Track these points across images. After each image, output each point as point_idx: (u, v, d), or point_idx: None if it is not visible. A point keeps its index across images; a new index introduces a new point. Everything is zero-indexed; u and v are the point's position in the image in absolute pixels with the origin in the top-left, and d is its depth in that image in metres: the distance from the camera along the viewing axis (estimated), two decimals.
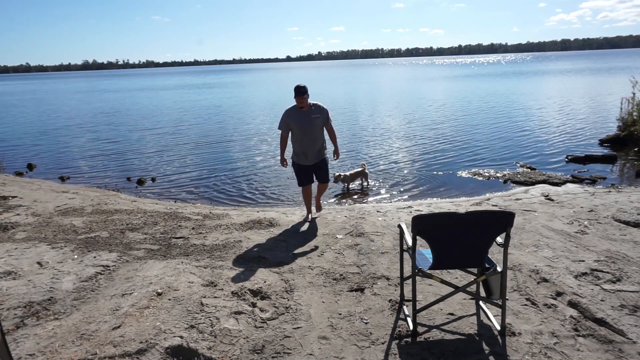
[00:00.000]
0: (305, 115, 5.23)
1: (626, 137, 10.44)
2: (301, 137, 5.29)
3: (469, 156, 10.35)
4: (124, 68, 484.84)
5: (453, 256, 2.92)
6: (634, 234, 4.72)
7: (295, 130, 5.30)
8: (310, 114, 5.25)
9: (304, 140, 5.29)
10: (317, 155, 5.40)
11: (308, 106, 5.26)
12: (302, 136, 5.28)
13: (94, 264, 4.25)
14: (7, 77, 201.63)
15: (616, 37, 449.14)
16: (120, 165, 10.81)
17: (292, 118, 5.26)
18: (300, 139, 5.30)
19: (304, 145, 5.32)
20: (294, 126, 5.27)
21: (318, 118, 5.28)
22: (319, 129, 5.33)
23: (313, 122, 5.24)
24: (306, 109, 5.25)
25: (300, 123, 5.23)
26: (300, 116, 5.23)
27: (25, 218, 5.97)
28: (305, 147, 5.32)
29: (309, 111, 5.26)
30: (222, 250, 4.66)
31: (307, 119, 5.22)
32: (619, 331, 2.99)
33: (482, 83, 37.57)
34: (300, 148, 5.36)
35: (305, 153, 5.35)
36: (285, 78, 68.47)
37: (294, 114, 5.27)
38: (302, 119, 5.22)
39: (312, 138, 5.29)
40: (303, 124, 5.23)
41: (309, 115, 5.24)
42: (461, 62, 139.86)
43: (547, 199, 6.37)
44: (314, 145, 5.34)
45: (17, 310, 3.38)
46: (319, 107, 5.34)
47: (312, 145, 5.33)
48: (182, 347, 2.86)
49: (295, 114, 5.26)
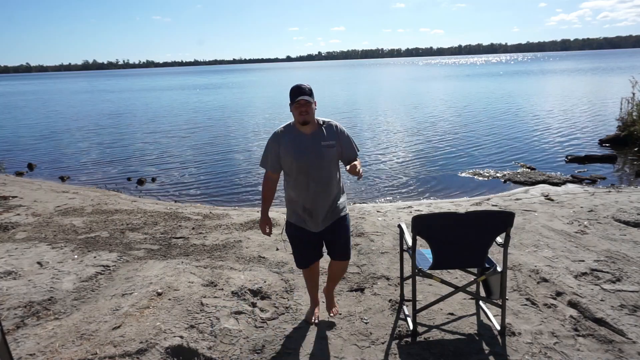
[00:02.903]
0: (309, 141, 2.91)
1: (626, 137, 10.44)
2: (302, 182, 2.94)
3: (469, 156, 10.36)
4: (124, 68, 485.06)
5: (453, 256, 2.92)
6: (634, 234, 4.72)
7: (291, 168, 2.95)
8: (319, 139, 2.92)
9: (307, 186, 2.94)
10: (330, 213, 3.02)
11: (315, 125, 2.94)
12: (303, 179, 2.93)
13: (94, 264, 4.25)
14: (8, 77, 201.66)
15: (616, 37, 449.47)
16: (120, 166, 10.81)
17: (285, 146, 2.93)
18: (301, 184, 2.95)
19: (307, 197, 2.96)
20: (290, 161, 2.93)
21: (332, 147, 2.93)
22: (333, 166, 2.96)
23: (323, 154, 2.91)
24: (312, 131, 2.93)
25: (300, 155, 2.89)
26: (301, 143, 2.91)
27: (26, 218, 5.97)
28: (309, 200, 2.97)
29: (316, 134, 2.93)
30: (222, 250, 4.66)
31: (312, 148, 2.90)
32: (619, 331, 2.99)
33: (482, 83, 37.58)
34: (300, 201, 3.00)
35: (309, 211, 2.98)
36: (286, 78, 68.48)
37: (289, 139, 2.94)
38: (303, 149, 2.90)
39: (322, 183, 2.94)
40: (305, 157, 2.89)
41: (315, 141, 2.91)
42: (463, 62, 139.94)
43: (547, 199, 6.37)
44: (326, 196, 2.98)
45: (18, 310, 3.38)
46: (333, 129, 2.98)
47: (322, 196, 2.97)
48: (182, 347, 2.86)
49: (291, 138, 2.94)
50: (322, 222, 3.01)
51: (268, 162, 3.01)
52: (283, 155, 2.94)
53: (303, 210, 3.01)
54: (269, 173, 3.06)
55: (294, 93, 2.86)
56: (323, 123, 2.97)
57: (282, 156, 2.94)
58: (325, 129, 2.96)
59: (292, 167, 2.93)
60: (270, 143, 2.99)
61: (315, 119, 2.93)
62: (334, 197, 3.03)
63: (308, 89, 2.87)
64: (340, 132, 2.98)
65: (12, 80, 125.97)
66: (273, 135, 2.99)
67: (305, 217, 3.01)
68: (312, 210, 2.98)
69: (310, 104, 2.84)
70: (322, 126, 2.96)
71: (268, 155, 3.00)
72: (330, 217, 3.03)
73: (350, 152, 2.99)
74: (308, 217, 3.00)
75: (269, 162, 3.01)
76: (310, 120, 2.86)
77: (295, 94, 2.85)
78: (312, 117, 2.87)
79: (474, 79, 45.04)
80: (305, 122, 2.84)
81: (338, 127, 3.00)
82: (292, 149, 2.90)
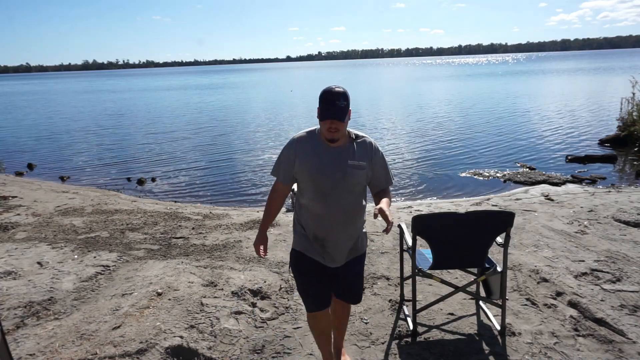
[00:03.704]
0: (334, 156, 2.35)
1: (626, 137, 10.45)
2: (318, 204, 2.37)
3: (469, 156, 10.36)
4: (124, 68, 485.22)
5: (453, 256, 2.92)
6: (634, 234, 4.72)
7: (307, 183, 2.39)
8: (347, 156, 2.36)
9: (323, 210, 2.37)
10: (348, 249, 2.46)
11: (345, 138, 2.39)
12: (320, 201, 2.36)
13: (94, 264, 4.25)
14: (8, 77, 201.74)
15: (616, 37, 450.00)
16: (120, 166, 10.81)
17: (304, 157, 2.37)
18: (317, 206, 2.38)
19: (321, 223, 2.40)
20: (306, 175, 2.37)
21: (361, 169, 2.36)
22: (358, 191, 2.42)
23: (349, 174, 2.34)
24: (340, 144, 2.36)
25: (320, 171, 2.34)
26: (323, 156, 2.35)
27: (26, 218, 5.97)
28: (323, 228, 2.40)
29: (345, 150, 2.37)
30: (222, 250, 4.66)
31: (337, 165, 2.34)
32: (619, 331, 2.99)
33: (482, 83, 37.58)
34: (312, 226, 2.42)
35: (321, 241, 2.40)
36: (288, 78, 68.51)
37: (310, 149, 2.38)
38: (325, 163, 2.34)
39: (342, 210, 2.37)
40: (326, 173, 2.33)
41: (342, 158, 2.35)
42: (463, 62, 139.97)
43: (547, 199, 6.37)
44: (344, 226, 2.41)
45: (18, 310, 3.38)
46: (366, 147, 2.41)
47: (340, 226, 2.40)
48: (182, 347, 2.86)
49: (312, 148, 2.38)
50: (335, 259, 2.42)
51: (280, 171, 2.45)
52: (299, 166, 2.36)
53: (314, 238, 2.41)
54: (278, 184, 2.49)
55: (325, 102, 2.22)
56: (356, 138, 2.38)
57: (298, 167, 2.37)
58: (357, 145, 2.37)
59: (308, 182, 2.36)
60: (286, 150, 2.43)
61: (346, 132, 2.35)
62: (354, 229, 2.44)
63: (343, 100, 2.21)
64: (374, 153, 2.40)
65: (13, 80, 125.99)
66: (290, 141, 2.43)
67: (316, 246, 2.42)
68: (324, 241, 2.39)
69: (343, 123, 2.24)
70: (354, 141, 2.37)
71: (281, 163, 2.44)
72: (347, 254, 2.46)
73: (382, 179, 2.43)
74: (320, 247, 2.41)
75: (281, 172, 2.44)
76: (338, 139, 2.31)
77: (326, 104, 2.21)
78: (342, 134, 2.31)
79: (474, 79, 45.05)
80: (333, 140, 2.29)
81: (373, 146, 2.41)
82: (311, 160, 2.33)
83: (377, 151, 2.42)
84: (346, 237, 2.42)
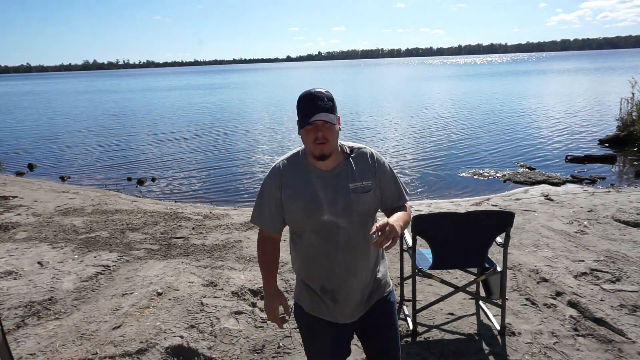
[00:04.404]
0: (329, 183, 1.77)
1: (626, 137, 10.44)
2: (320, 248, 1.80)
3: (469, 156, 10.36)
4: (124, 68, 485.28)
5: (453, 256, 2.93)
6: (634, 234, 4.73)
7: (301, 226, 1.83)
8: (346, 178, 1.78)
9: (327, 256, 1.80)
10: (367, 295, 1.90)
11: (339, 155, 1.79)
12: (321, 245, 1.79)
13: (95, 264, 4.25)
14: (8, 77, 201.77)
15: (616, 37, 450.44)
16: (120, 166, 10.81)
17: (291, 191, 1.79)
18: (318, 251, 1.81)
19: (328, 272, 1.83)
20: (298, 215, 1.80)
21: (367, 191, 1.78)
22: (369, 219, 1.80)
23: (353, 202, 1.76)
24: (333, 165, 1.78)
25: (316, 207, 1.76)
26: (316, 186, 1.77)
27: (26, 218, 5.97)
28: (332, 277, 1.83)
29: (341, 171, 1.79)
30: (222, 250, 4.66)
31: (335, 194, 1.76)
32: (619, 331, 2.99)
33: (482, 83, 37.59)
34: (317, 277, 1.86)
35: (332, 293, 1.84)
36: (289, 78, 68.54)
37: (296, 180, 1.80)
38: (320, 196, 1.76)
39: (353, 249, 1.79)
40: (323, 209, 1.75)
41: (340, 182, 1.77)
42: (463, 62, 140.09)
43: (547, 199, 6.37)
44: (359, 269, 1.83)
45: (18, 310, 3.38)
46: (366, 160, 1.83)
47: (353, 269, 1.82)
48: (182, 346, 2.87)
49: (299, 178, 1.79)
50: (354, 310, 1.85)
51: (263, 215, 1.82)
52: (287, 205, 1.77)
53: (322, 291, 1.83)
54: (264, 233, 1.89)
55: (305, 106, 1.66)
56: (351, 152, 1.80)
57: (287, 207, 1.78)
58: (354, 160, 1.78)
59: (302, 224, 1.79)
60: (266, 185, 1.80)
61: (338, 146, 1.77)
62: (372, 268, 1.85)
63: (327, 100, 1.67)
64: (378, 165, 1.80)
65: (13, 81, 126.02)
66: (270, 173, 1.81)
67: (327, 301, 1.84)
68: (336, 292, 1.81)
69: (332, 127, 1.67)
70: (349, 157, 1.79)
71: (263, 206, 1.81)
72: (367, 301, 1.87)
73: (394, 197, 1.84)
74: (331, 301, 1.83)
75: (265, 216, 1.82)
76: (330, 153, 1.70)
77: (306, 108, 1.65)
78: (333, 147, 1.71)
79: (473, 78, 45.05)
80: (324, 155, 1.69)
81: (374, 157, 1.82)
82: (301, 195, 1.74)
83: (380, 162, 1.82)
84: (363, 282, 1.83)
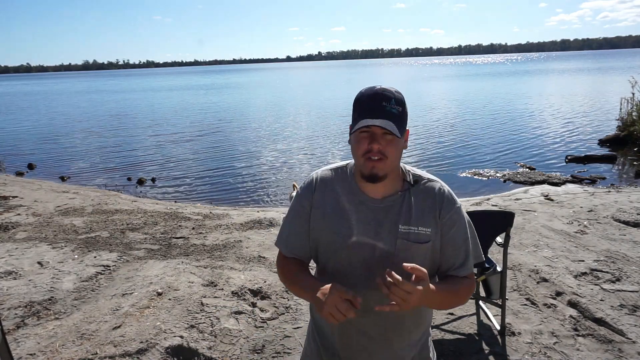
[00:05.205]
0: (375, 213, 1.30)
1: (626, 137, 10.45)
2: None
3: (469, 156, 10.36)
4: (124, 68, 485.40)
5: None
6: (634, 233, 4.73)
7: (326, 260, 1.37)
8: (397, 213, 1.30)
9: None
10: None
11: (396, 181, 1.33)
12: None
13: (95, 264, 4.25)
14: (8, 77, 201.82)
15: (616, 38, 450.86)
16: (120, 166, 10.81)
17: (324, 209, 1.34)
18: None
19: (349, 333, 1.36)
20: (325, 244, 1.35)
21: (423, 242, 1.28)
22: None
23: (401, 246, 1.28)
24: (385, 194, 1.31)
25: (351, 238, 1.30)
26: (358, 211, 1.31)
27: (26, 218, 5.97)
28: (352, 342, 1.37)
29: (394, 204, 1.31)
30: (222, 250, 4.66)
31: (379, 228, 1.29)
32: (619, 331, 2.99)
33: (482, 83, 37.59)
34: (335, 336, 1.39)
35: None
36: (290, 77, 68.53)
37: (335, 197, 1.34)
38: (359, 225, 1.30)
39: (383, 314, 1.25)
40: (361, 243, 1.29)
41: (389, 219, 1.29)
42: (463, 62, 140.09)
43: (547, 199, 6.37)
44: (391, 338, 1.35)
45: (18, 310, 3.38)
46: (433, 195, 1.33)
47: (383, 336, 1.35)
48: (183, 346, 2.87)
49: (339, 196, 1.34)
50: None
51: (282, 235, 1.45)
52: (315, 226, 1.36)
53: (332, 358, 1.42)
54: (281, 259, 1.45)
55: (364, 105, 1.26)
56: (415, 181, 1.35)
57: (314, 229, 1.37)
58: (416, 194, 1.33)
59: (327, 258, 1.36)
60: (297, 198, 1.42)
61: (400, 169, 1.35)
62: (407, 344, 1.39)
63: (396, 103, 1.25)
64: (448, 209, 1.32)
65: (13, 81, 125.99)
66: (305, 183, 1.42)
67: None
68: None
69: (395, 141, 1.25)
70: (411, 187, 1.33)
71: (286, 223, 1.44)
72: None
73: (457, 258, 1.32)
74: None
75: (283, 236, 1.44)
76: (385, 174, 1.27)
77: (365, 108, 1.25)
78: (391, 167, 1.27)
79: (473, 78, 45.05)
80: (375, 176, 1.25)
81: (446, 197, 1.34)
82: (330, 223, 1.33)
83: (453, 206, 1.33)
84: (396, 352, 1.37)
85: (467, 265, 1.33)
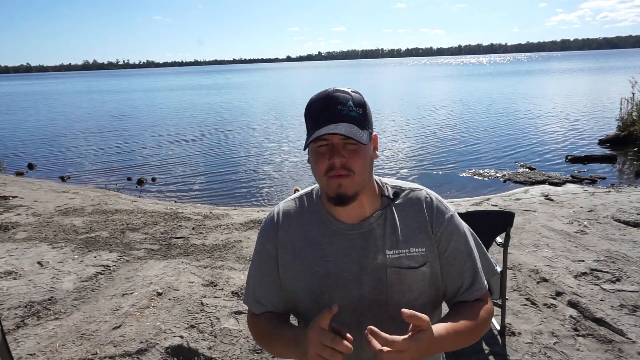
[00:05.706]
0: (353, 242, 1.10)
1: (626, 137, 10.44)
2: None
3: (469, 156, 10.36)
4: (124, 68, 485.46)
5: None
6: (634, 233, 4.73)
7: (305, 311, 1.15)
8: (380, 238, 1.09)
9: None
10: None
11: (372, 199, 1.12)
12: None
13: (95, 264, 4.25)
14: (8, 77, 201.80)
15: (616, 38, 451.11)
16: (120, 166, 10.82)
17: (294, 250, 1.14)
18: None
19: None
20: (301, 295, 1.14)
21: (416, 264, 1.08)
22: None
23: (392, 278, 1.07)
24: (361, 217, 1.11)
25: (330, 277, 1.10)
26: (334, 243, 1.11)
27: (26, 218, 5.97)
28: None
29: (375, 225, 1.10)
30: (222, 250, 4.66)
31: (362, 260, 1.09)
32: (619, 331, 2.99)
33: (482, 83, 37.59)
34: None
35: None
36: (291, 77, 68.53)
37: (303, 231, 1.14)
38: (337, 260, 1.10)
39: None
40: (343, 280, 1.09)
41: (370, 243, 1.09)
42: (463, 61, 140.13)
43: (547, 199, 6.37)
44: None
45: (18, 310, 3.38)
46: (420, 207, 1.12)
47: None
48: (182, 346, 2.87)
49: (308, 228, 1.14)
50: None
51: (250, 290, 1.23)
52: (283, 277, 1.17)
53: None
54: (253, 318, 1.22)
55: (315, 113, 1.06)
56: (395, 195, 1.16)
57: (282, 279, 1.18)
58: (400, 210, 1.14)
59: (308, 309, 1.16)
60: (258, 242, 1.22)
61: (374, 184, 1.16)
62: None
63: (354, 105, 1.05)
64: (440, 221, 1.13)
65: (14, 81, 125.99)
66: (264, 223, 1.22)
67: None
68: None
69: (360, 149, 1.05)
70: (391, 203, 1.15)
71: (251, 274, 1.23)
72: None
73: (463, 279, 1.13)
74: None
75: (249, 290, 1.23)
76: (356, 193, 1.07)
77: (317, 116, 1.06)
78: (361, 183, 1.07)
79: (473, 78, 45.06)
80: (343, 197, 1.06)
81: (434, 206, 1.15)
82: (304, 264, 1.14)
83: (445, 216, 1.14)
84: None
85: (478, 284, 1.11)
